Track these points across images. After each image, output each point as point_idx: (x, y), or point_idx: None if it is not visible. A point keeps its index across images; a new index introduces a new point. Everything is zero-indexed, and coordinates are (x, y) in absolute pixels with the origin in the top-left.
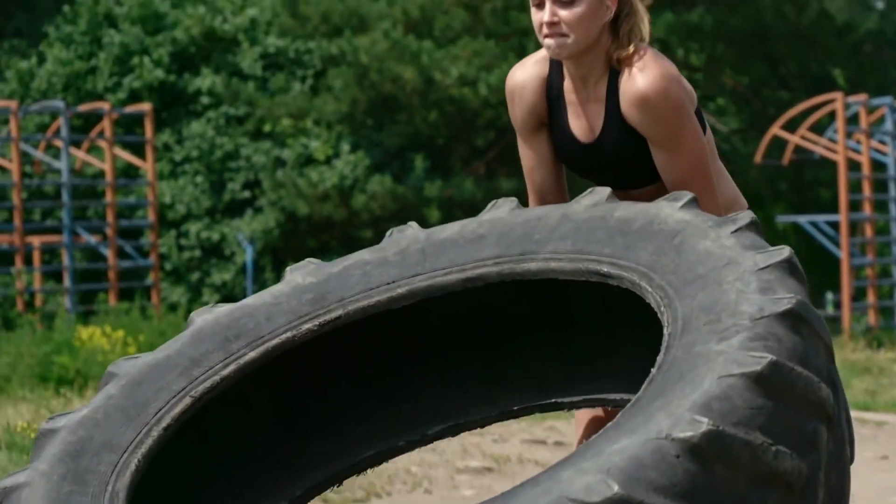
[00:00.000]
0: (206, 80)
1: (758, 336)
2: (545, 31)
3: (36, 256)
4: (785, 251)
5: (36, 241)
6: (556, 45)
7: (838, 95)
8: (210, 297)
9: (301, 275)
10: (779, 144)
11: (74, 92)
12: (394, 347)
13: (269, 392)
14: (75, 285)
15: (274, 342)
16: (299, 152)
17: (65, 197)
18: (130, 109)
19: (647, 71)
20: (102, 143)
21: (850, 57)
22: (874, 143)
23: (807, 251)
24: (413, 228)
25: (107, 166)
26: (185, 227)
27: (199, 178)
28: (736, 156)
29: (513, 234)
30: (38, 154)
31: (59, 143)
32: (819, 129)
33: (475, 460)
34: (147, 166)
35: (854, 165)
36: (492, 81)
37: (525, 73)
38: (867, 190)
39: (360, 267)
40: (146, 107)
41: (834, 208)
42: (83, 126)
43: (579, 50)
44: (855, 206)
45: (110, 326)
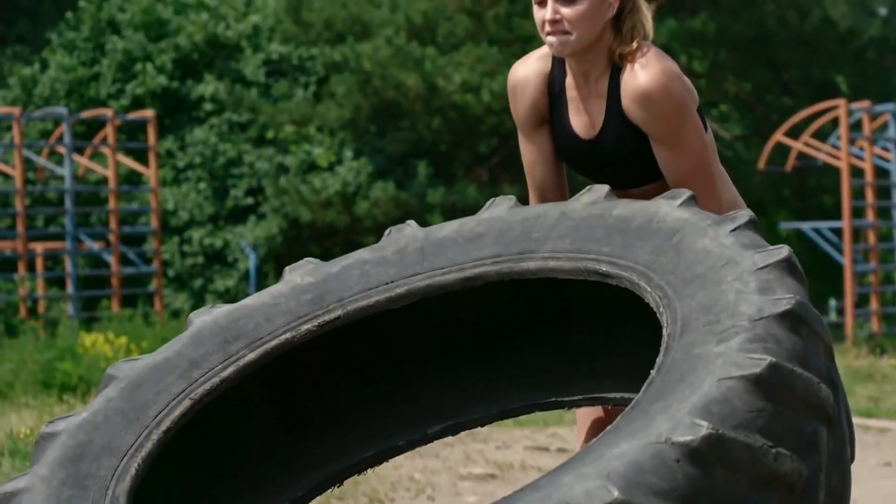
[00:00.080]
0: (209, 86)
1: (757, 337)
2: (547, 28)
3: (39, 263)
4: (784, 250)
5: (39, 247)
6: (558, 43)
7: (841, 102)
8: (213, 304)
9: (300, 275)
10: (782, 151)
11: (77, 98)
12: (393, 347)
13: (269, 393)
14: (78, 292)
15: (273, 343)
16: (302, 159)
17: (68, 203)
18: (133, 116)
19: (649, 67)
20: (105, 150)
21: (853, 63)
22: (877, 150)
23: (810, 258)
24: (411, 227)
25: (110, 173)
26: (188, 234)
27: (202, 185)
28: (739, 162)
29: (511, 233)
30: (41, 160)
31: (62, 150)
32: (822, 135)
33: (478, 467)
34: (150, 173)
35: (857, 172)
36: (495, 88)
37: (527, 68)
38: (870, 196)
39: (359, 266)
40: (149, 113)
41: (837, 215)
42: (86, 132)
43: (581, 47)
44: (858, 212)
45: (113, 333)
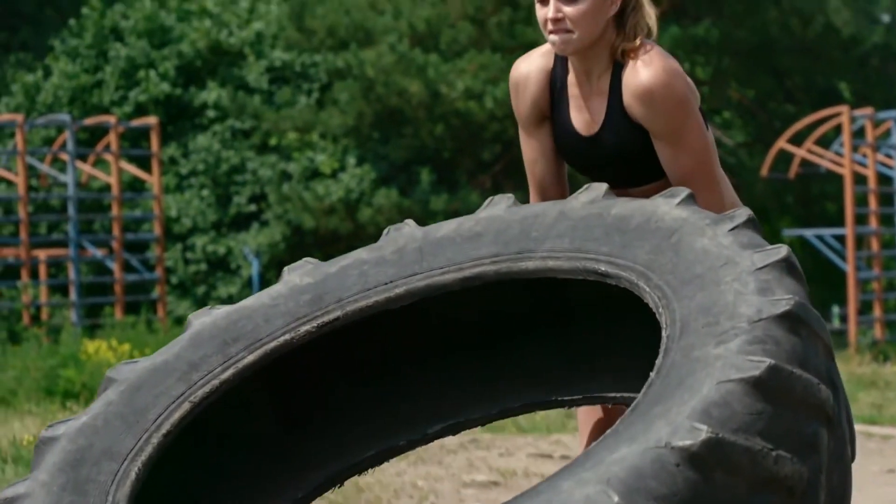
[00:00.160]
0: (211, 93)
1: (756, 339)
2: (550, 27)
3: (42, 270)
4: (783, 250)
5: (42, 254)
6: (560, 42)
7: (844, 109)
8: (212, 306)
9: (298, 275)
10: (785, 158)
11: (80, 105)
12: (392, 347)
13: (269, 394)
14: (81, 299)
15: (272, 345)
16: (305, 166)
17: (71, 210)
18: (136, 123)
19: (651, 64)
20: (108, 157)
21: (856, 70)
22: (880, 157)
23: (813, 265)
24: (410, 226)
25: (113, 180)
26: (190, 241)
27: (205, 192)
28: (742, 169)
29: (510, 232)
30: (44, 168)
31: (64, 157)
32: (825, 142)
33: (481, 474)
34: (153, 180)
35: (860, 179)
36: (498, 95)
37: (530, 65)
38: (873, 203)
39: (358, 266)
40: (152, 120)
41: (840, 222)
42: (89, 139)
43: (584, 46)
44: (861, 219)
45: (116, 340)
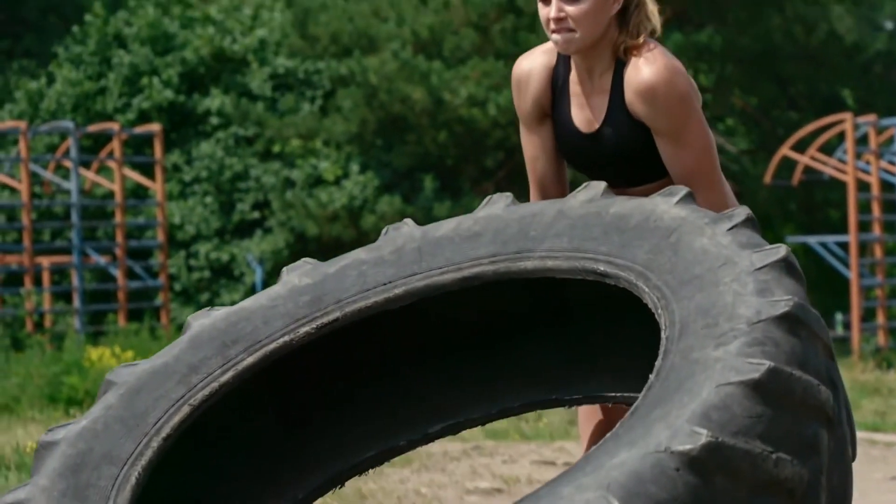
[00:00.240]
0: (215, 100)
1: (755, 341)
2: (552, 26)
3: (45, 277)
4: (781, 250)
5: (45, 261)
6: (563, 41)
7: (847, 116)
8: (211, 307)
9: (297, 276)
10: (788, 165)
11: (84, 112)
12: (392, 347)
13: (269, 396)
14: (85, 306)
15: (272, 346)
16: (308, 173)
17: (74, 217)
18: (140, 130)
19: (653, 62)
20: (112, 164)
21: (859, 77)
22: (884, 164)
23: (816, 272)
24: (409, 226)
25: (116, 187)
26: (194, 248)
27: (209, 199)
28: (745, 176)
29: (508, 232)
30: (48, 174)
31: (68, 164)
32: (828, 149)
33: (485, 481)
34: (156, 187)
35: (863, 186)
36: (501, 102)
37: (532, 62)
38: (877, 210)
39: (357, 267)
40: (155, 127)
41: (843, 229)
42: (92, 146)
43: (586, 45)
44: (864, 226)
45: (120, 347)
